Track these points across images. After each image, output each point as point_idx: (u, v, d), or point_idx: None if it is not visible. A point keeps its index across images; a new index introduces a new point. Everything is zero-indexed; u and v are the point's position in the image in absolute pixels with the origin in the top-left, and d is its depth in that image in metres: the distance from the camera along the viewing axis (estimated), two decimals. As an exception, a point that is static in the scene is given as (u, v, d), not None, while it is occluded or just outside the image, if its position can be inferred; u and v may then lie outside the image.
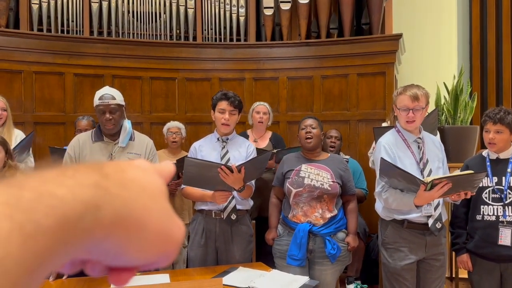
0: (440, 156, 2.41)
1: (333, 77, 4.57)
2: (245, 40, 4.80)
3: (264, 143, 3.58)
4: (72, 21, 4.49)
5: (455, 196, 2.20)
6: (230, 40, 4.79)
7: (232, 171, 2.23)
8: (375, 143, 3.25)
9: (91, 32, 4.52)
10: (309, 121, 2.65)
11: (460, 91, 4.01)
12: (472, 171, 2.19)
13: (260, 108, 3.60)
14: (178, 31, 4.75)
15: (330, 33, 4.73)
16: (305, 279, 2.22)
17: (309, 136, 2.59)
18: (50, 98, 4.30)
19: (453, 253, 2.67)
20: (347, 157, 3.91)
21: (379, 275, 3.39)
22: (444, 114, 4.12)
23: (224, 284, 2.00)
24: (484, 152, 2.52)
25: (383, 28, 4.62)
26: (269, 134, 3.68)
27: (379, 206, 2.45)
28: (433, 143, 2.43)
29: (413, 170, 2.29)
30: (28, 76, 4.21)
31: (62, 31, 4.47)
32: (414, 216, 2.31)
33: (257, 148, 2.98)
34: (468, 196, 2.22)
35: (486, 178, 2.42)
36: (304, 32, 4.72)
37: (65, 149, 2.91)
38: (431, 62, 5.20)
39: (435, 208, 2.31)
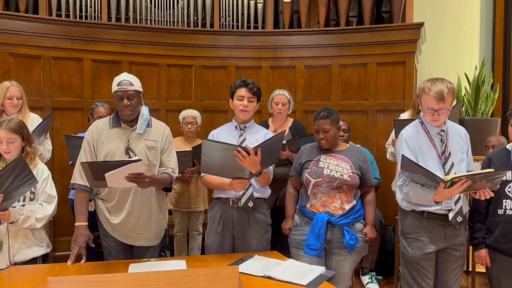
0: (464, 147, 2.36)
1: (351, 66, 4.50)
2: (263, 27, 4.76)
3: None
4: (91, 6, 4.50)
5: (482, 194, 2.16)
6: (248, 28, 4.75)
7: (249, 153, 2.21)
8: (394, 135, 3.21)
9: (109, 18, 4.52)
10: (322, 123, 2.50)
11: (482, 82, 3.92)
12: (492, 170, 2.12)
13: (279, 99, 3.47)
14: (195, 18, 4.72)
15: (350, 21, 4.65)
16: (321, 269, 2.21)
17: (323, 142, 2.53)
18: (68, 84, 4.33)
19: (470, 247, 2.62)
20: (358, 146, 3.87)
21: (395, 266, 3.36)
22: (464, 105, 4.04)
23: (240, 272, 2.00)
24: (509, 146, 2.45)
25: (404, 17, 4.52)
26: (289, 122, 3.56)
27: (399, 196, 2.42)
28: (458, 134, 2.38)
29: (434, 163, 2.25)
30: (47, 61, 4.24)
31: (81, 17, 4.49)
32: (434, 208, 2.28)
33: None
34: (492, 195, 2.17)
35: (510, 172, 2.35)
36: (323, 19, 4.65)
37: (80, 137, 2.93)
38: (453, 52, 5.09)
39: (456, 202, 2.27)
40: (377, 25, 4.51)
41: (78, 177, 2.36)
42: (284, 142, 3.16)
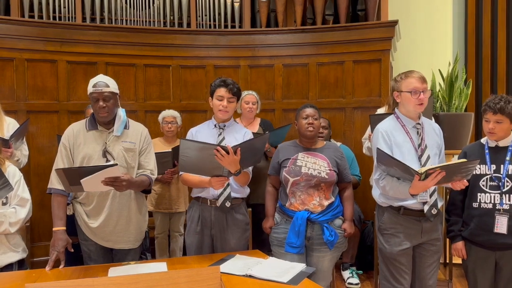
0: (439, 142, 2.41)
1: (328, 64, 4.54)
2: (240, 26, 4.76)
3: (254, 129, 3.62)
4: (64, 7, 4.42)
5: (456, 185, 2.21)
6: (225, 27, 4.74)
7: (228, 152, 2.21)
8: (371, 130, 3.25)
9: (84, 19, 4.45)
10: (311, 111, 2.61)
11: (455, 78, 4.01)
12: (465, 160, 2.18)
13: (249, 98, 3.67)
14: (172, 18, 4.69)
15: (326, 20, 4.69)
16: (302, 266, 2.23)
17: (310, 127, 2.57)
18: (43, 86, 4.25)
19: (447, 239, 2.69)
20: (339, 143, 3.92)
21: (374, 261, 3.42)
22: (439, 101, 4.12)
23: (221, 272, 2.00)
24: (483, 140, 2.51)
25: (379, 15, 4.59)
26: (257, 120, 3.76)
27: (376, 193, 2.46)
28: (433, 130, 2.43)
29: (411, 156, 2.29)
30: (20, 63, 4.15)
31: (54, 18, 4.41)
32: (410, 202, 2.32)
33: (253, 133, 2.97)
34: (466, 184, 2.22)
35: (484, 165, 2.42)
36: (299, 18, 4.68)
37: None
38: (427, 49, 5.19)
39: (431, 195, 2.32)
40: (353, 24, 4.56)
41: (55, 182, 2.33)
42: (268, 132, 3.23)
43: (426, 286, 2.42)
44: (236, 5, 4.72)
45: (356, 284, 3.72)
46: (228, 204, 2.49)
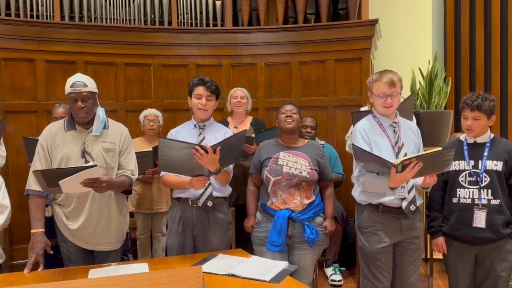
0: (416, 141, 2.44)
1: (310, 63, 4.56)
2: (222, 25, 4.74)
3: (245, 127, 3.53)
4: (42, 5, 4.34)
5: (426, 180, 2.22)
6: (207, 25, 4.72)
7: (207, 151, 2.20)
8: (353, 127, 3.28)
9: (62, 17, 4.38)
10: (289, 107, 2.65)
11: (435, 76, 4.06)
12: (440, 148, 2.19)
13: (238, 93, 3.58)
14: (152, 16, 4.65)
15: (308, 18, 4.71)
16: (284, 264, 2.24)
17: (289, 120, 2.58)
18: (21, 86, 4.17)
19: (428, 235, 2.72)
20: (323, 142, 3.94)
21: (356, 258, 3.45)
22: (419, 99, 4.17)
23: (203, 272, 1.99)
24: (462, 136, 2.55)
25: (360, 14, 4.63)
26: (249, 119, 3.64)
27: (355, 192, 2.47)
28: (410, 129, 2.45)
29: (388, 153, 2.31)
30: (-3, 63, 4.06)
31: (32, 16, 4.32)
32: (389, 199, 2.33)
33: (247, 137, 2.95)
34: (435, 179, 2.24)
35: (463, 161, 2.46)
36: (281, 17, 4.68)
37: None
38: (407, 48, 5.26)
39: (409, 191, 2.34)
40: (334, 22, 4.59)
41: (33, 183, 2.28)
42: (253, 135, 3.19)
43: (407, 284, 2.45)
44: (218, 3, 4.70)
45: (339, 281, 3.75)
46: (210, 203, 2.47)
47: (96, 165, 2.11)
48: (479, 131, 2.43)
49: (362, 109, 3.71)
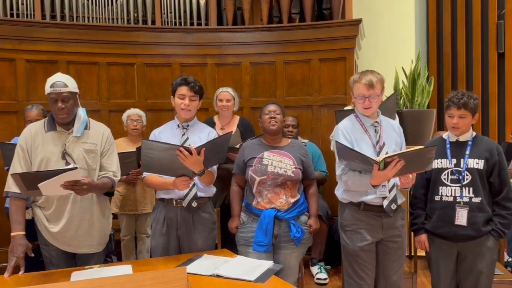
0: (398, 140, 2.45)
1: (295, 62, 4.57)
2: (206, 24, 4.72)
3: (232, 129, 3.48)
4: (22, 4, 4.27)
5: (405, 180, 2.23)
6: (191, 24, 4.69)
7: (191, 153, 2.18)
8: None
9: (43, 16, 4.31)
10: (273, 107, 2.65)
11: (418, 75, 4.10)
12: (422, 146, 2.20)
13: (223, 95, 3.49)
14: (136, 15, 4.60)
15: (292, 18, 4.71)
16: (269, 263, 2.23)
17: (273, 121, 2.58)
18: (1, 86, 4.10)
19: (412, 232, 2.75)
20: (306, 141, 3.95)
21: (342, 256, 3.46)
22: (402, 98, 4.21)
23: (188, 273, 1.98)
24: (444, 135, 2.58)
25: (344, 13, 4.65)
26: (236, 119, 3.57)
27: (338, 191, 2.48)
28: (392, 128, 2.47)
29: (370, 153, 2.32)
30: (-25, 62, 3.98)
31: (12, 15, 4.24)
32: (370, 198, 2.34)
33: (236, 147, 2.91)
34: (413, 181, 2.25)
35: (445, 159, 2.48)
36: (266, 16, 4.68)
37: (14, 144, 2.76)
38: (390, 47, 5.31)
39: (390, 190, 2.36)
40: (318, 22, 4.60)
41: (12, 185, 2.23)
42: (238, 146, 3.13)
43: (390, 282, 2.45)
44: (202, 2, 4.68)
45: (325, 279, 3.76)
46: (194, 204, 2.46)
47: (76, 168, 2.08)
48: (464, 129, 2.46)
49: (346, 108, 3.73)
